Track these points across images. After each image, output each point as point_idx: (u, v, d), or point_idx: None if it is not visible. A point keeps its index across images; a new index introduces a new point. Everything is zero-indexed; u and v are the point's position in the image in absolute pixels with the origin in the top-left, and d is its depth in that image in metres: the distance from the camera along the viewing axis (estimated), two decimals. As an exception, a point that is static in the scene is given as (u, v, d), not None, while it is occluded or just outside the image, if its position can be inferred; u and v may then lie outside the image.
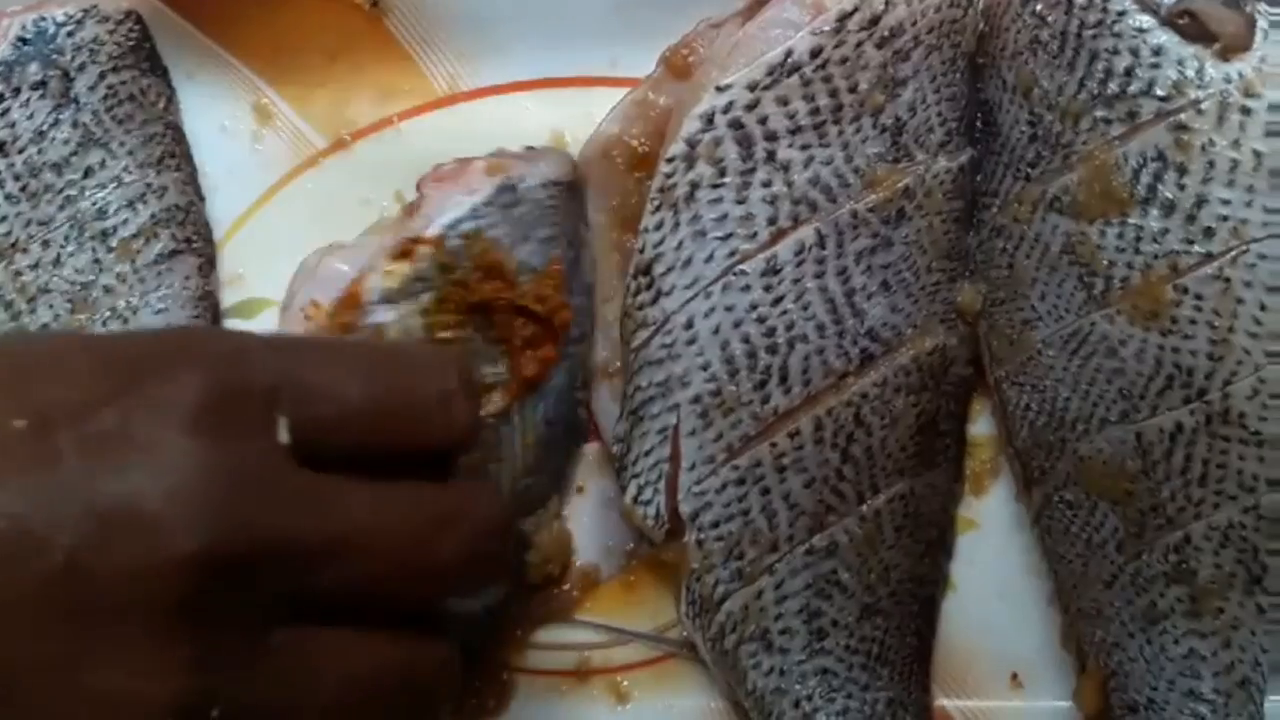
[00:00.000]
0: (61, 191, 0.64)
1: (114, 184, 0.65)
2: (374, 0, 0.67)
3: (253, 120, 0.70)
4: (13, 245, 0.64)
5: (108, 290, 0.64)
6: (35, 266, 0.64)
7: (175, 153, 0.68)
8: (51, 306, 0.64)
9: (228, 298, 0.69)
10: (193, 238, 0.67)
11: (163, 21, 0.68)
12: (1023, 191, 0.61)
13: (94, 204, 0.65)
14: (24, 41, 0.65)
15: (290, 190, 0.69)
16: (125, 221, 0.65)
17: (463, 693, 0.65)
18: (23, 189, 0.64)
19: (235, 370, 0.45)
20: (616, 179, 0.64)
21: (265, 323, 0.68)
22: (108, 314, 0.64)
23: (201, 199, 0.68)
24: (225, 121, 0.70)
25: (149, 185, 0.66)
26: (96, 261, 0.64)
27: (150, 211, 0.66)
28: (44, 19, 0.65)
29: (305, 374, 0.47)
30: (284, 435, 0.45)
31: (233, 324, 0.69)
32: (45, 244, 0.64)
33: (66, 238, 0.64)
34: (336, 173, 0.69)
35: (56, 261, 0.64)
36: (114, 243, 0.65)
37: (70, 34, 0.65)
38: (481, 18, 0.67)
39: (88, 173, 0.65)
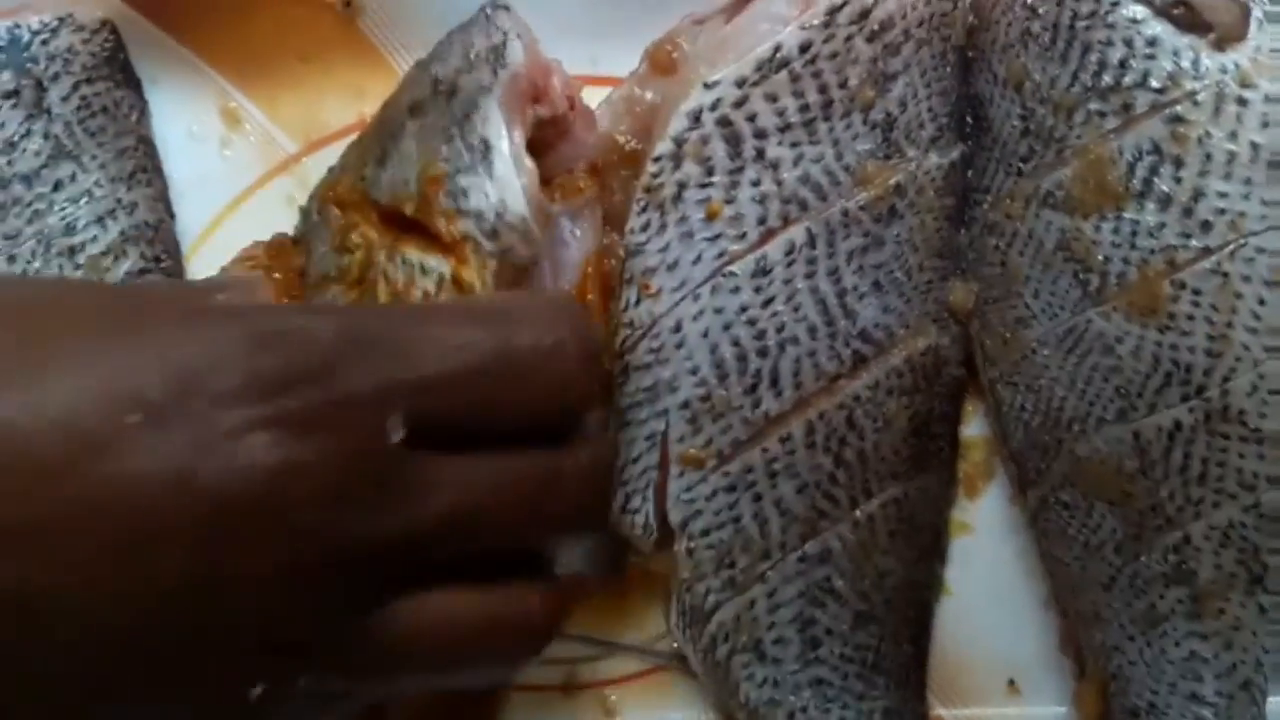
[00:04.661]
0: (30, 205, 0.63)
1: (84, 198, 0.63)
2: (347, 0, 0.66)
3: (221, 125, 0.68)
4: (-23, 259, 0.62)
5: (73, 308, 0.62)
6: (0, 281, 0.62)
7: (146, 167, 0.66)
8: (16, 323, 0.62)
9: (197, 307, 0.67)
10: (161, 256, 0.65)
11: (127, 25, 0.66)
12: (1015, 187, 0.60)
13: (62, 219, 0.63)
14: None
15: (261, 196, 0.68)
16: (94, 238, 0.63)
17: (448, 703, 0.64)
18: None
19: (336, 380, 0.44)
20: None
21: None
22: None
23: (171, 216, 0.67)
24: (193, 127, 0.68)
25: (119, 201, 0.64)
26: (63, 279, 0.62)
27: (120, 228, 0.64)
28: (18, 27, 0.63)
29: (409, 367, 0.45)
30: (397, 434, 0.44)
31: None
32: (11, 259, 0.62)
33: (33, 253, 0.62)
34: (308, 178, 0.67)
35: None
36: (81, 259, 0.63)
37: (44, 42, 0.64)
38: (456, 16, 0.65)
39: (57, 186, 0.63)
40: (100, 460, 0.40)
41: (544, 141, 0.60)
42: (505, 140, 0.57)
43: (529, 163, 0.57)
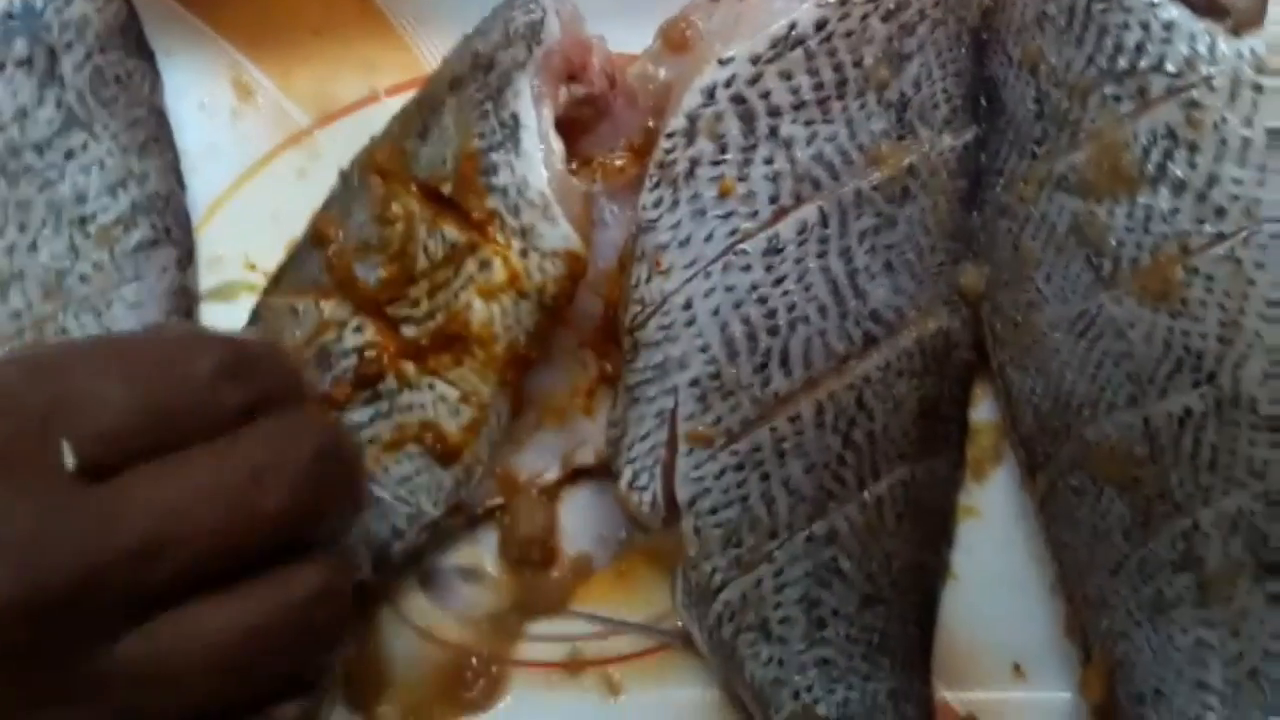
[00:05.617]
0: (41, 173, 0.63)
1: (95, 168, 0.63)
2: (361, -28, 0.66)
3: (233, 97, 0.68)
4: (-12, 228, 0.62)
5: (83, 279, 0.62)
6: (10, 250, 0.62)
7: (158, 138, 0.66)
8: (24, 293, 0.62)
9: (207, 280, 0.67)
10: (171, 228, 0.65)
11: (140, -5, 0.66)
12: (1029, 170, 0.60)
13: (74, 188, 0.63)
14: (10, 17, 0.63)
15: (272, 169, 0.68)
16: (105, 207, 0.63)
17: (450, 681, 0.65)
18: (2, 169, 0.62)
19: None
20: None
21: (245, 306, 0.66)
22: (80, 304, 0.62)
23: (182, 188, 0.67)
24: (205, 99, 0.68)
25: (130, 171, 0.64)
26: (74, 248, 0.63)
27: (131, 198, 0.64)
28: None
29: (72, 390, 0.46)
30: (69, 460, 0.44)
31: (213, 308, 0.67)
32: (22, 227, 0.62)
33: (44, 221, 0.62)
34: (319, 150, 0.67)
35: (33, 246, 0.62)
36: (92, 229, 0.63)
37: (58, 11, 0.63)
38: (471, -8, 0.65)
39: (69, 155, 0.63)
40: None
41: (583, 121, 0.60)
42: (534, 116, 0.57)
43: (556, 140, 0.58)
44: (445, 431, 0.61)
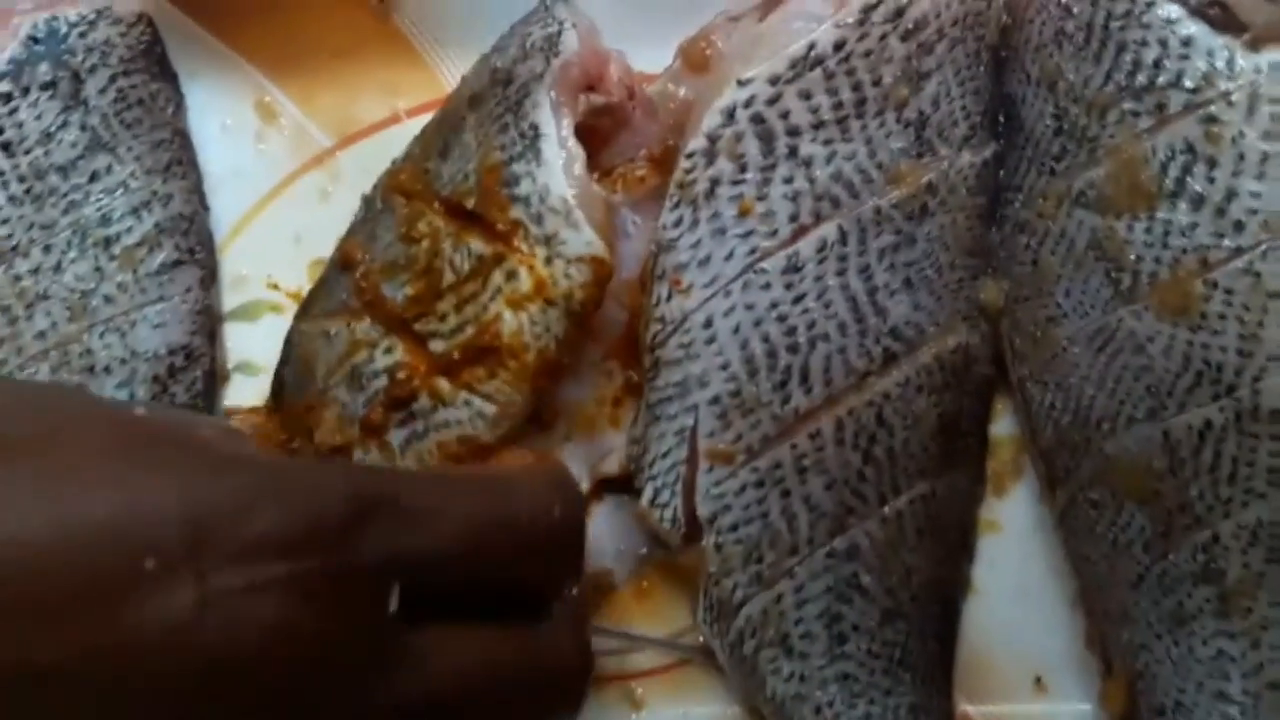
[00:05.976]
0: (66, 196, 0.63)
1: (119, 190, 0.64)
2: (381, -5, 0.66)
3: (256, 119, 0.69)
4: (14, 249, 0.63)
5: (108, 299, 0.63)
6: (35, 271, 0.63)
7: (182, 160, 0.66)
8: (49, 314, 0.63)
9: (230, 300, 0.68)
10: (195, 248, 0.66)
11: (164, 19, 0.67)
12: (1047, 186, 0.60)
13: (98, 210, 0.63)
14: (35, 41, 0.64)
15: (294, 190, 0.68)
16: (129, 229, 0.64)
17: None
18: (27, 191, 0.63)
19: (344, 548, 0.44)
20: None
21: (268, 326, 0.67)
22: (105, 325, 0.63)
23: (206, 209, 0.67)
24: (228, 120, 0.69)
25: (154, 193, 0.65)
26: (98, 269, 0.63)
27: (155, 220, 0.64)
28: (56, 19, 0.64)
29: (414, 540, 0.46)
30: (394, 604, 0.45)
31: (235, 327, 0.68)
32: (47, 249, 0.63)
33: (69, 243, 0.63)
34: (341, 172, 0.68)
35: (57, 268, 0.63)
36: (116, 250, 0.64)
37: (82, 35, 0.64)
38: (490, 12, 0.65)
39: (93, 177, 0.63)
40: (109, 605, 0.40)
41: (603, 132, 0.61)
42: (553, 125, 0.58)
43: (577, 148, 0.58)
44: (484, 444, 0.61)
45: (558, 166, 0.58)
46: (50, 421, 0.44)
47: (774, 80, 0.58)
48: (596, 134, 0.62)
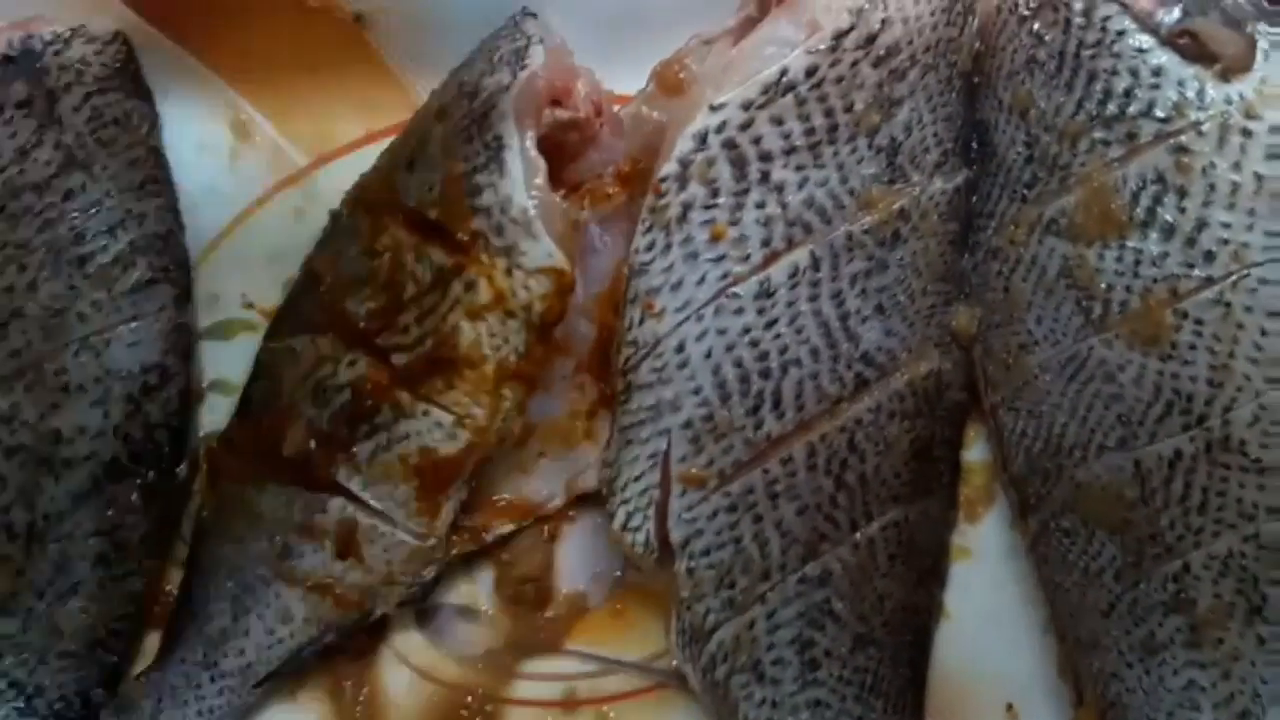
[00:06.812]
0: (40, 214, 0.63)
1: (94, 208, 0.64)
2: (357, 14, 0.66)
3: (231, 137, 0.68)
4: (-13, 268, 0.62)
5: (81, 318, 0.63)
6: (10, 290, 0.62)
7: (156, 178, 0.66)
8: (24, 332, 0.62)
9: (204, 319, 0.68)
10: (170, 267, 0.65)
11: (139, 37, 0.67)
12: (1019, 213, 0.60)
13: (72, 228, 0.63)
14: (9, 60, 0.63)
15: (269, 208, 0.68)
16: (104, 247, 0.64)
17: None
18: (1, 209, 0.62)
19: None
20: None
21: (242, 344, 0.67)
22: (79, 344, 0.63)
23: (181, 227, 0.67)
24: (203, 139, 0.68)
25: (129, 211, 0.64)
26: (72, 287, 0.63)
27: (129, 238, 0.64)
28: (31, 37, 0.64)
29: None
30: None
31: (210, 345, 0.68)
32: (21, 267, 0.63)
33: (43, 262, 0.63)
34: (317, 190, 0.68)
35: (31, 286, 0.63)
36: (91, 269, 0.63)
37: (57, 53, 0.64)
38: (466, 32, 0.65)
39: (68, 195, 0.63)
40: None
41: (570, 149, 0.61)
42: (516, 136, 0.58)
43: (539, 160, 0.58)
44: (441, 456, 0.61)
45: (519, 177, 0.58)
46: None
47: (746, 105, 0.58)
48: (564, 150, 0.62)
